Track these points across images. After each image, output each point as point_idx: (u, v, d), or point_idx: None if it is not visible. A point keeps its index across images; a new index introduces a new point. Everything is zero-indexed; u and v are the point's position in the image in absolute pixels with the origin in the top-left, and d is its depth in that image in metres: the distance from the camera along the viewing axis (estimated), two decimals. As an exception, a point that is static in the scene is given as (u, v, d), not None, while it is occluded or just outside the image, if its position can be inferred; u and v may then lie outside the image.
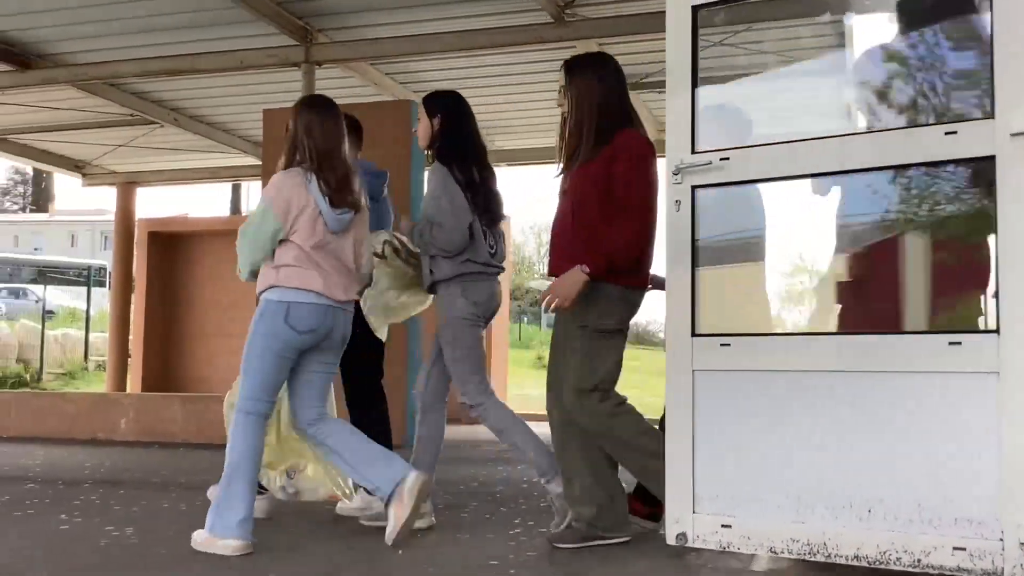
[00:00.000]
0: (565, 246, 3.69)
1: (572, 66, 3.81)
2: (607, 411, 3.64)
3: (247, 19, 7.83)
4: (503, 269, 4.17)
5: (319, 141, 3.61)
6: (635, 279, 3.69)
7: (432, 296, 4.17)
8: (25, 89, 9.52)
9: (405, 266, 4.21)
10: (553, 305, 3.57)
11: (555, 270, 3.68)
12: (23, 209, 60.10)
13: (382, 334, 4.28)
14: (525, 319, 26.20)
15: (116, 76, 9.22)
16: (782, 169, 3.34)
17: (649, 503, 3.93)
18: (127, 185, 13.50)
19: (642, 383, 16.19)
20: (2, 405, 9.39)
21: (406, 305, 4.28)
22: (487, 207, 4.06)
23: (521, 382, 15.92)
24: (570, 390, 3.64)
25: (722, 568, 3.27)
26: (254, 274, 3.68)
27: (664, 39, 3.31)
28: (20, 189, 61.00)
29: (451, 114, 4.09)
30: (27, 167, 44.21)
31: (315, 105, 3.75)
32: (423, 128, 4.12)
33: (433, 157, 4.08)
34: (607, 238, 3.56)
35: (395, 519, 3.51)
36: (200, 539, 3.55)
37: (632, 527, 3.77)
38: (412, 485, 3.51)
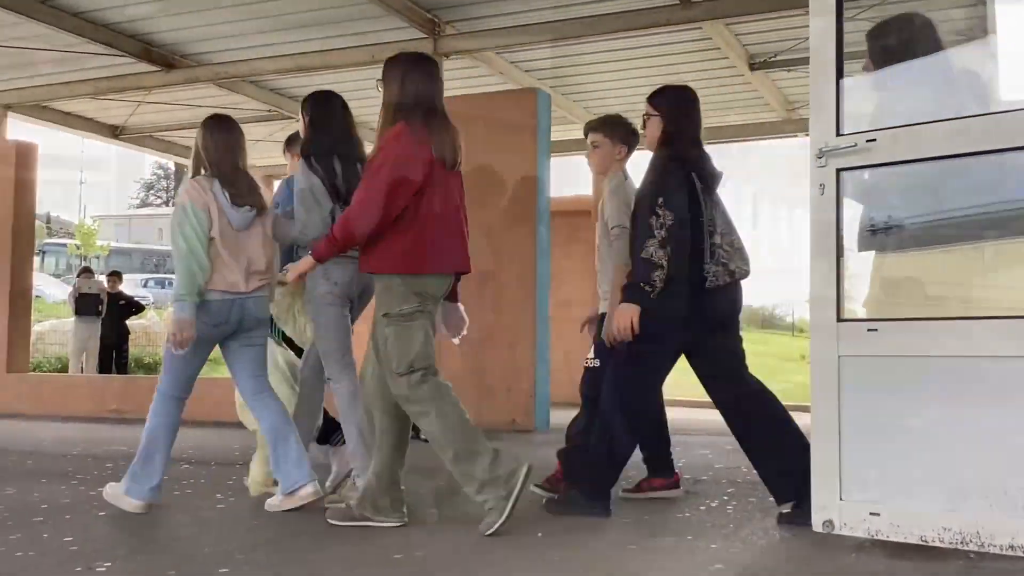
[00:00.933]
0: None
1: (384, 65, 3.82)
2: (427, 393, 3.65)
3: (377, 14, 8.02)
4: None
5: (216, 154, 4.07)
6: (412, 267, 3.67)
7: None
8: (169, 88, 10.00)
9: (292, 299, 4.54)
10: (288, 279, 3.99)
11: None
12: (166, 203, 62.92)
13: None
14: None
15: (254, 73, 9.59)
16: (931, 150, 3.23)
17: (666, 475, 4.41)
18: (265, 179, 13.98)
19: (773, 367, 15.83)
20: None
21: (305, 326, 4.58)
22: (348, 199, 4.20)
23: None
24: (390, 376, 3.70)
25: (863, 555, 3.21)
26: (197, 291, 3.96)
27: (790, 17, 3.25)
28: (163, 184, 63.86)
29: (315, 112, 4.40)
30: (169, 163, 46.34)
31: (209, 125, 4.15)
32: (300, 126, 4.47)
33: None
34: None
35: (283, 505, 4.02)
36: (109, 492, 4.05)
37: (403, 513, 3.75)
38: (305, 494, 4.00)
